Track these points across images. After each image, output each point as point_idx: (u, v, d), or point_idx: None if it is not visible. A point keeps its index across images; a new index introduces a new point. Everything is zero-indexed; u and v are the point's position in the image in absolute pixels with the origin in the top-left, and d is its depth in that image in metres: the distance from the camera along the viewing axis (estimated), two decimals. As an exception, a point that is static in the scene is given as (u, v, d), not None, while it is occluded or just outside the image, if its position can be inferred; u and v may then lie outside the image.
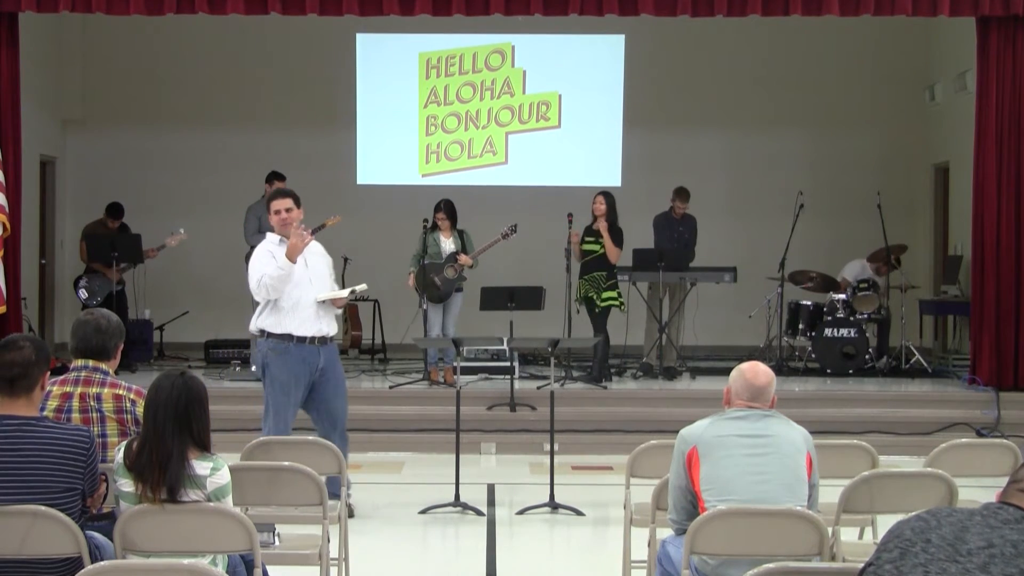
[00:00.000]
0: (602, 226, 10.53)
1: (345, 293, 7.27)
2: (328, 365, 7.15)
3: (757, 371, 4.41)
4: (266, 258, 7.00)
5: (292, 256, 6.91)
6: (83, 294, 11.30)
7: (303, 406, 7.21)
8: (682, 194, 11.42)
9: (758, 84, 13.71)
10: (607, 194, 10.72)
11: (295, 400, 7.11)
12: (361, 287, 7.49)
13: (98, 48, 13.58)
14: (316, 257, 7.18)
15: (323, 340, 7.10)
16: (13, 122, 10.11)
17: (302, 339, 7.02)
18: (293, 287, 7.01)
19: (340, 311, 7.41)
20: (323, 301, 7.07)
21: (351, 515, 6.72)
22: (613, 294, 10.58)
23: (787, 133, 13.80)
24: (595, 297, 10.53)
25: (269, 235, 7.23)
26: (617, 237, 10.55)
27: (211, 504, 4.01)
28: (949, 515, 2.56)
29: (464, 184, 13.06)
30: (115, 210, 11.90)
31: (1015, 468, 2.72)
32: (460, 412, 7.79)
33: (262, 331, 7.10)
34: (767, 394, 4.39)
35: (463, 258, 10.45)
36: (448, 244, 10.55)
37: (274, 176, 11.20)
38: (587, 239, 10.65)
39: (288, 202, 7.09)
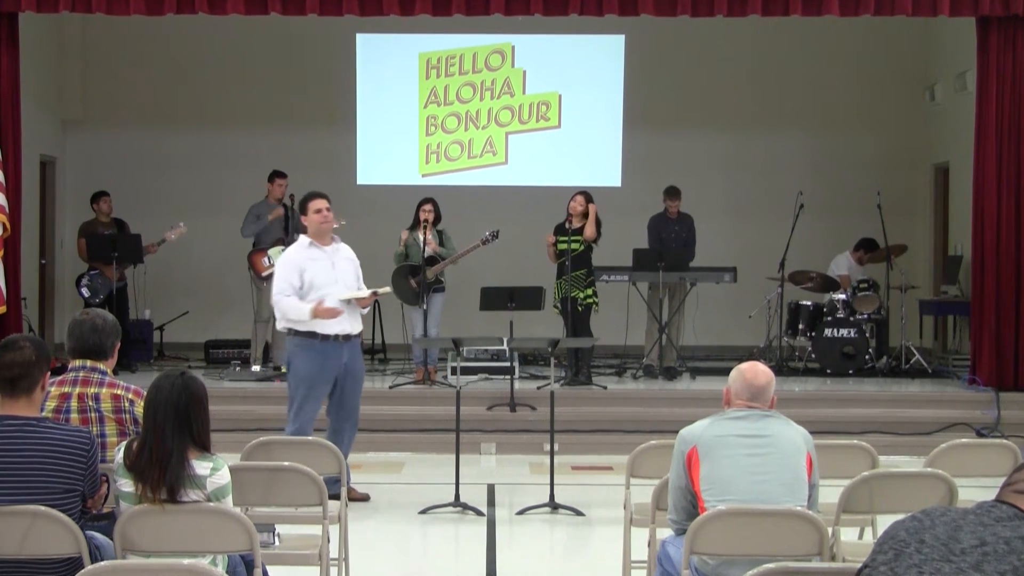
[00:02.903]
0: (591, 209, 10.48)
1: (366, 293, 7.54)
2: (351, 361, 7.50)
3: (757, 371, 4.41)
4: (292, 271, 7.29)
5: (317, 314, 7.20)
6: (85, 292, 11.30)
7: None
8: (672, 193, 11.42)
9: (758, 84, 13.72)
10: (587, 193, 10.67)
11: (319, 395, 7.48)
12: (385, 289, 7.86)
13: (98, 48, 13.58)
14: (344, 261, 7.52)
15: (347, 337, 7.43)
16: (13, 122, 10.12)
17: (326, 337, 7.32)
18: (319, 288, 7.31)
19: (365, 310, 7.77)
20: (347, 301, 7.37)
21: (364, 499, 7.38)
22: (589, 291, 10.55)
23: (787, 133, 13.80)
24: (578, 293, 10.47)
25: (302, 237, 7.47)
26: (598, 225, 10.51)
27: (211, 504, 4.01)
28: (943, 514, 2.57)
29: (464, 184, 13.08)
30: (99, 194, 11.87)
31: (1012, 471, 2.72)
32: (460, 412, 7.80)
33: (289, 329, 7.42)
34: (767, 394, 4.39)
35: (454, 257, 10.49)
36: (428, 247, 10.48)
37: (275, 175, 11.22)
38: (561, 239, 10.58)
39: (326, 202, 7.43)
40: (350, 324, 7.43)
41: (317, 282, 7.32)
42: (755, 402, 4.36)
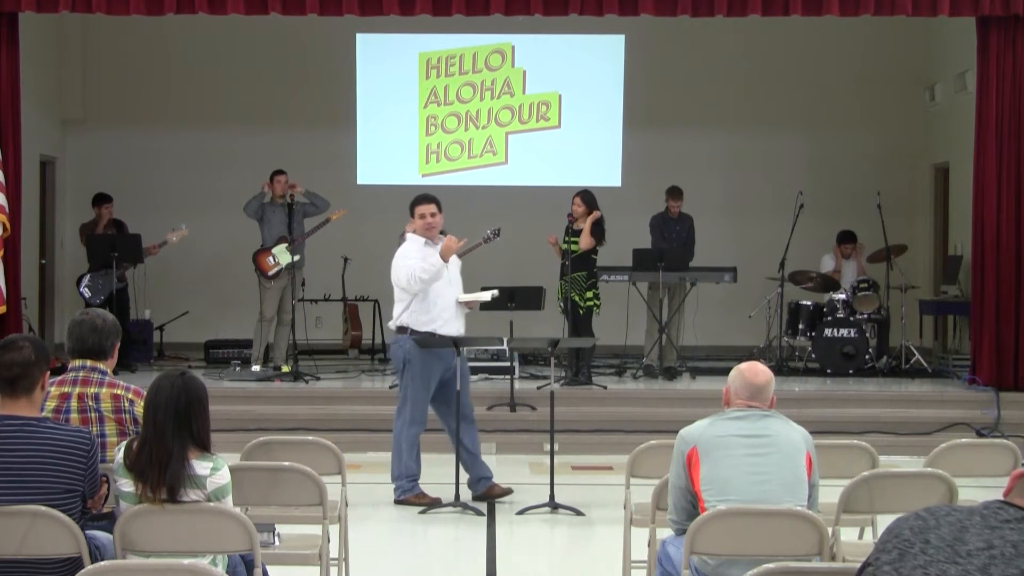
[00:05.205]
0: (592, 217, 10.46)
1: (486, 296, 7.84)
2: (460, 362, 7.65)
3: (756, 370, 4.40)
4: (414, 256, 7.47)
5: (445, 256, 7.43)
6: (86, 292, 11.29)
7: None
8: (675, 193, 11.43)
9: (758, 84, 13.71)
10: (583, 193, 10.63)
11: (431, 394, 7.68)
12: (494, 292, 8.12)
13: (98, 48, 13.58)
14: (451, 262, 7.67)
15: (457, 339, 7.63)
16: (13, 122, 10.11)
17: (443, 337, 7.53)
18: (439, 287, 7.53)
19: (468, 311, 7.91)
20: (461, 302, 7.64)
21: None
22: (590, 295, 10.54)
23: (787, 133, 13.80)
24: (578, 298, 10.47)
25: (411, 236, 7.68)
26: (597, 228, 10.49)
27: (211, 504, 4.01)
28: (948, 514, 2.55)
29: (464, 184, 13.07)
30: (101, 198, 11.88)
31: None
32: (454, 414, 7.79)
33: (403, 328, 7.57)
34: (766, 393, 4.38)
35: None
36: None
37: (274, 173, 11.21)
38: (565, 239, 10.57)
39: (433, 207, 7.57)
40: (462, 325, 7.73)
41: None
42: (754, 401, 4.35)
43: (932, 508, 2.59)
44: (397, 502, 7.71)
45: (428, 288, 7.52)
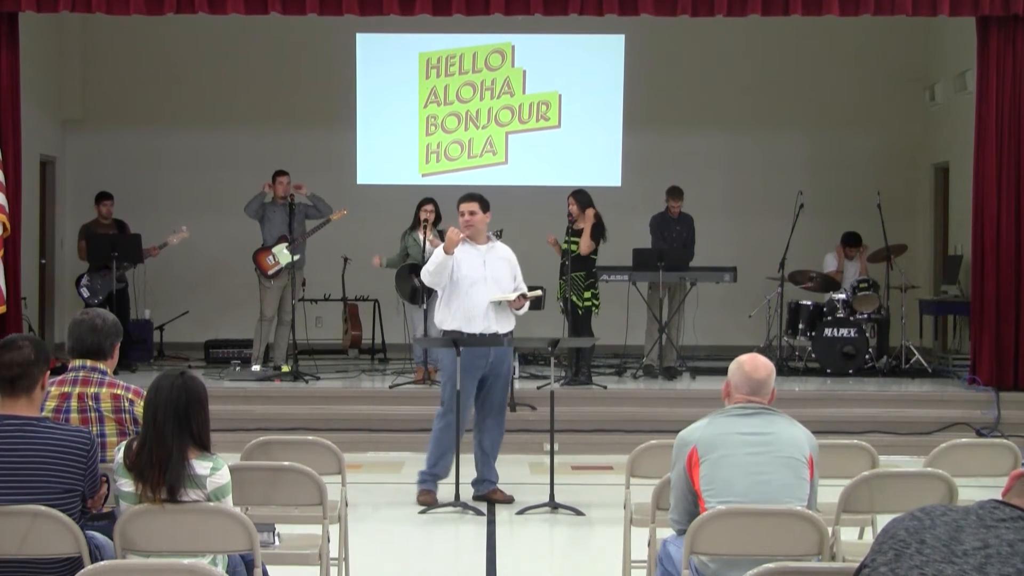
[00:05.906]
0: (588, 216, 10.46)
1: (512, 296, 7.67)
2: (498, 360, 7.68)
3: (756, 364, 4.35)
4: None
5: (448, 248, 7.42)
6: (85, 293, 11.29)
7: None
8: (675, 193, 11.43)
9: (758, 84, 13.72)
10: (576, 193, 10.64)
11: (467, 392, 7.60)
12: (535, 292, 7.96)
13: (98, 48, 13.58)
14: (498, 261, 7.70)
15: (493, 337, 7.54)
16: (13, 122, 10.11)
17: (471, 335, 7.49)
18: (468, 286, 7.53)
19: (521, 311, 7.79)
20: (498, 302, 7.59)
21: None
22: (588, 295, 10.54)
23: (787, 133, 13.80)
24: (576, 298, 10.47)
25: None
26: (597, 230, 10.48)
27: (211, 504, 4.01)
28: (943, 514, 2.55)
29: (464, 184, 13.02)
30: (102, 195, 11.88)
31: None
32: (460, 412, 7.79)
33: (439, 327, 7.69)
34: (767, 387, 4.33)
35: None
36: (429, 245, 10.49)
37: (276, 174, 11.21)
38: (567, 238, 10.57)
39: (473, 205, 7.61)
40: (497, 323, 7.61)
41: (466, 278, 7.53)
42: (755, 396, 4.31)
43: (927, 508, 2.59)
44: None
45: (449, 285, 7.54)
